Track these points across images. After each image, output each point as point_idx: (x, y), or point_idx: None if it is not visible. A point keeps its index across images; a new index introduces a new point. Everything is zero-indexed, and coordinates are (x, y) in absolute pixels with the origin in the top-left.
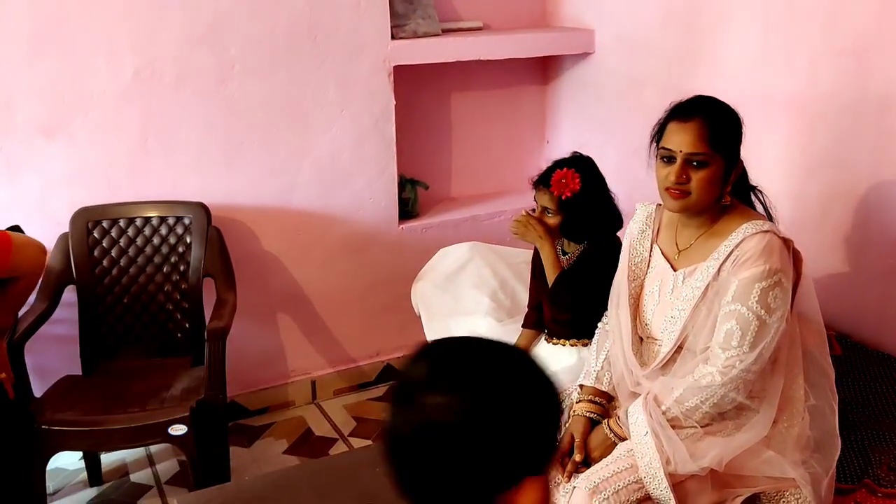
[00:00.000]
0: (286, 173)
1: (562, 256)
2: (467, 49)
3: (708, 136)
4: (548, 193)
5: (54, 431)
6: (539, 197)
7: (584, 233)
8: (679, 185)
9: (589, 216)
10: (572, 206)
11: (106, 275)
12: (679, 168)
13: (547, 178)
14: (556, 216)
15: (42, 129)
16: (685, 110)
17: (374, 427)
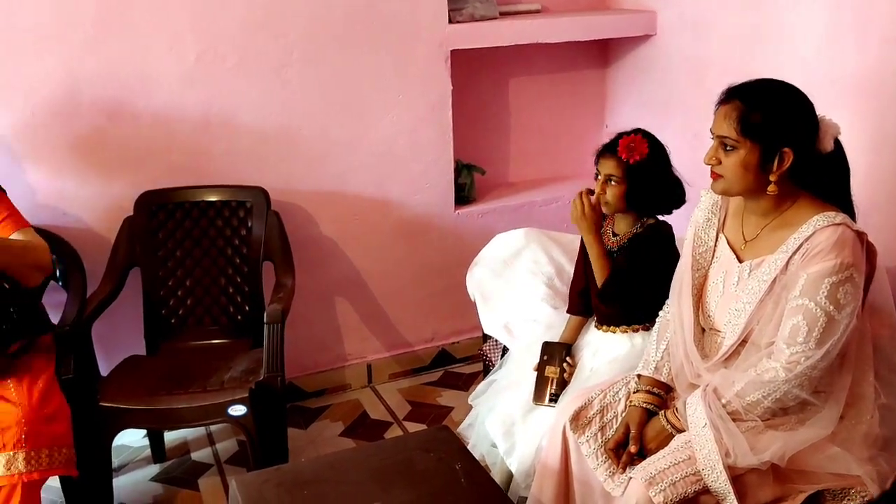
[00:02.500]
0: (343, 158)
1: (611, 237)
2: (525, 32)
3: (739, 120)
4: (614, 159)
5: (118, 410)
6: (603, 165)
7: (649, 204)
8: (712, 167)
9: (654, 186)
10: (639, 173)
11: (169, 257)
12: (711, 150)
13: (613, 145)
14: (620, 184)
15: (107, 114)
16: (728, 93)
17: (428, 411)
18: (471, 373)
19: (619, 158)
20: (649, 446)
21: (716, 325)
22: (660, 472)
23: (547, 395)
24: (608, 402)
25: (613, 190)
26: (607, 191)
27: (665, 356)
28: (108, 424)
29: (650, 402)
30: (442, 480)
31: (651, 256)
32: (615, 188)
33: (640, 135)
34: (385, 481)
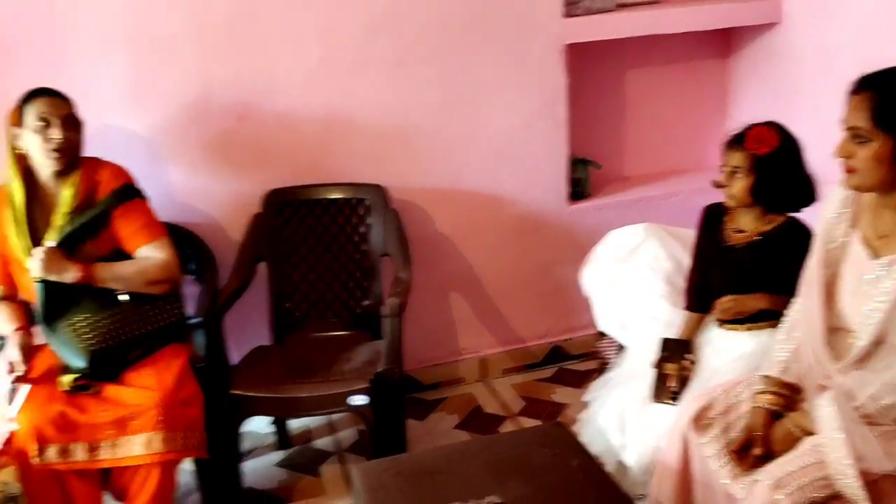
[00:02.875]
0: (458, 154)
1: (734, 234)
2: (643, 23)
3: (873, 110)
4: (741, 151)
5: (248, 398)
6: (729, 157)
7: (776, 199)
8: (842, 161)
9: (782, 180)
10: (766, 166)
11: (294, 253)
12: (842, 143)
13: (741, 136)
14: (746, 177)
15: (237, 115)
16: (859, 82)
17: (542, 408)
18: (585, 370)
19: (746, 150)
20: (775, 449)
21: (848, 324)
22: (787, 476)
23: (667, 392)
24: (732, 403)
25: (739, 183)
26: (732, 183)
27: (793, 356)
28: (238, 411)
29: (776, 403)
30: (558, 475)
31: (788, 256)
32: (740, 181)
33: (770, 127)
34: (501, 475)
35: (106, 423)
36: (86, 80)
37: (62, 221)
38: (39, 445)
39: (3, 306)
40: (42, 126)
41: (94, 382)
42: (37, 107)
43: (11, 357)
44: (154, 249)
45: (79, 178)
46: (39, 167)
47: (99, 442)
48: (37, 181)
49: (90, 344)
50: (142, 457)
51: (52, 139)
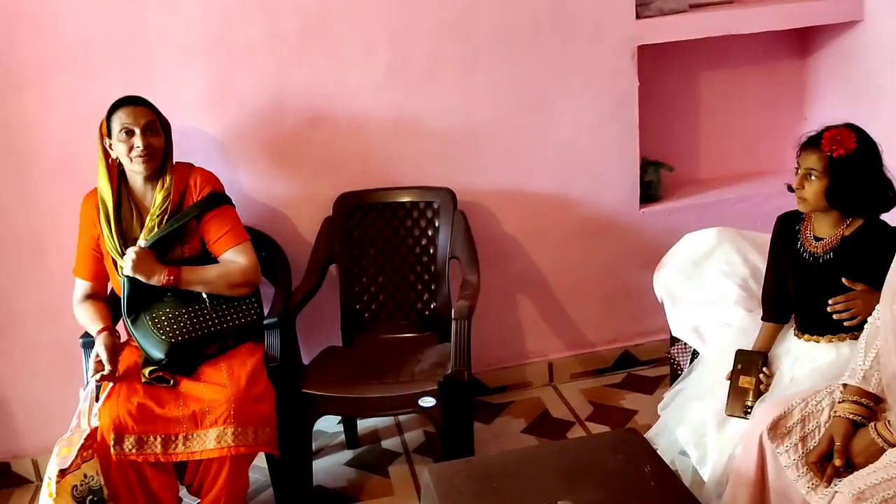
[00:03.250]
0: (526, 157)
1: (813, 241)
2: (717, 24)
3: None
4: (816, 153)
5: (317, 397)
6: (804, 158)
7: (851, 203)
8: None
9: (859, 184)
10: (842, 168)
11: (364, 255)
12: None
13: (817, 137)
14: (821, 180)
15: (309, 120)
16: None
17: (611, 413)
18: (656, 376)
19: (822, 152)
20: (856, 460)
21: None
22: (869, 488)
23: (742, 406)
24: (810, 412)
25: (813, 185)
26: (806, 186)
27: (874, 365)
28: (310, 410)
29: (858, 412)
30: (630, 482)
31: (869, 261)
32: (815, 183)
33: (848, 129)
34: (571, 480)
35: (181, 417)
36: (167, 86)
37: (154, 222)
38: (116, 436)
39: (89, 305)
40: (125, 136)
41: (171, 375)
42: (120, 117)
43: (100, 356)
44: (237, 254)
45: (171, 181)
46: (130, 173)
47: (173, 435)
48: (129, 185)
49: (169, 337)
50: (213, 450)
51: (136, 147)
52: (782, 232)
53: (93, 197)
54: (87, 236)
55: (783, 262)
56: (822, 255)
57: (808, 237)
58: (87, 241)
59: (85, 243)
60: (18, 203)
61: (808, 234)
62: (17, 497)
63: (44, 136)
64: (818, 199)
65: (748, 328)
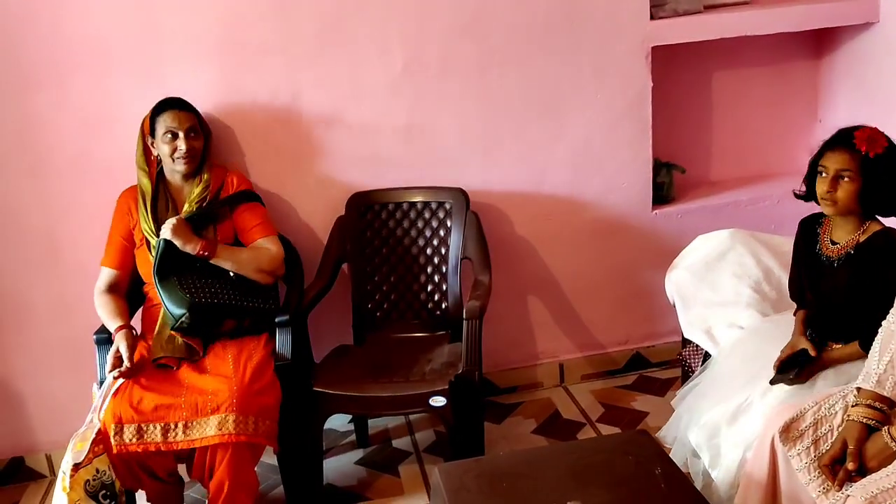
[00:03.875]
0: (539, 158)
1: (830, 245)
2: (732, 25)
3: None
4: (847, 153)
5: (328, 395)
6: (833, 160)
7: (884, 204)
8: None
9: (891, 183)
10: (876, 167)
11: (376, 254)
12: None
13: (845, 137)
14: (854, 180)
15: (324, 121)
16: None
17: (622, 415)
18: (667, 378)
19: (854, 151)
20: (870, 464)
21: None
22: (882, 493)
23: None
24: (823, 415)
25: (847, 187)
26: (838, 188)
27: (888, 368)
28: (321, 408)
29: (871, 416)
30: (641, 483)
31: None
32: (848, 184)
33: (875, 129)
34: (582, 480)
35: (182, 404)
36: (180, 86)
37: (192, 208)
38: (116, 426)
39: (111, 299)
40: (170, 138)
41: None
42: (165, 120)
43: (122, 353)
44: (268, 242)
45: (209, 177)
46: (169, 171)
47: (173, 423)
48: (167, 181)
49: (192, 296)
50: (214, 437)
51: (179, 149)
52: (804, 235)
53: (131, 192)
54: (120, 226)
55: (803, 263)
56: (836, 259)
57: (825, 241)
58: (119, 231)
59: (116, 234)
60: (33, 201)
61: (826, 238)
62: (31, 491)
63: (58, 136)
64: (851, 201)
65: (761, 330)
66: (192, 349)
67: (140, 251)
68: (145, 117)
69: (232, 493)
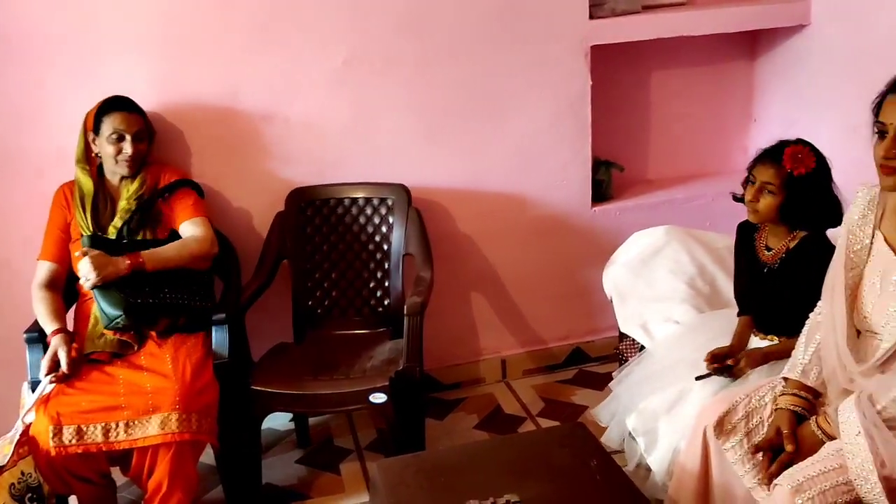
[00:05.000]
0: (481, 156)
1: (765, 252)
2: (669, 25)
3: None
4: (774, 168)
5: (267, 393)
6: (761, 172)
7: (802, 219)
8: (888, 161)
9: (812, 201)
10: (799, 186)
11: (316, 251)
12: (889, 142)
13: (776, 152)
14: (776, 195)
15: (261, 116)
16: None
17: (562, 409)
18: (606, 372)
19: (780, 167)
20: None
21: (872, 326)
22: (808, 480)
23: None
24: (754, 407)
25: (767, 199)
26: (760, 199)
27: (814, 359)
28: (259, 407)
29: (798, 404)
30: (576, 476)
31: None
32: (770, 198)
33: (807, 147)
34: (520, 473)
35: (122, 405)
36: (116, 79)
37: (130, 205)
38: (55, 427)
39: (48, 296)
40: (115, 139)
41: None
42: (113, 120)
43: (59, 357)
44: (194, 225)
45: (146, 175)
46: (110, 170)
47: (114, 423)
48: (105, 178)
49: (128, 295)
50: (156, 436)
51: (125, 152)
52: (741, 238)
53: (68, 186)
54: (58, 219)
55: (742, 266)
56: (770, 265)
57: (761, 246)
58: (56, 224)
59: (54, 227)
60: None
61: (762, 244)
62: None
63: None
64: (770, 213)
65: (695, 324)
66: (126, 344)
67: (75, 245)
68: (89, 113)
69: (171, 492)
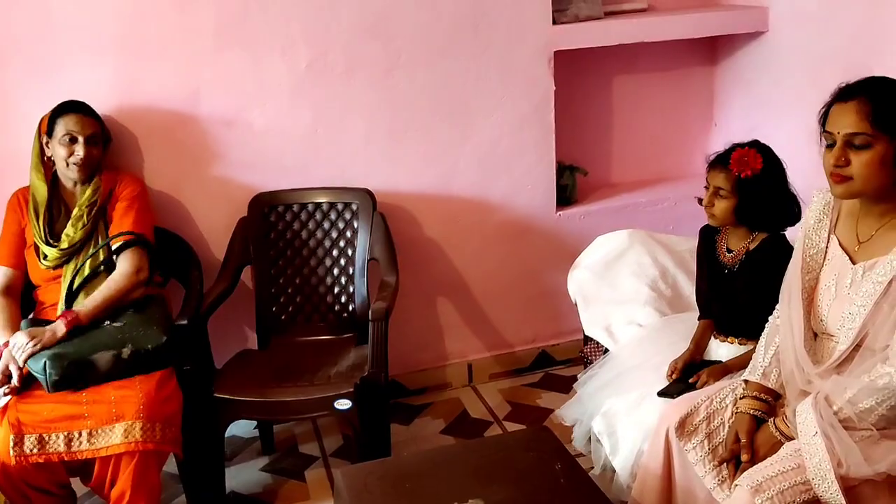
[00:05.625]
0: (447, 160)
1: (726, 254)
2: (631, 31)
3: (870, 114)
4: (724, 172)
5: (230, 401)
6: (713, 177)
7: (759, 220)
8: (838, 169)
9: (765, 202)
10: (749, 188)
11: (280, 256)
12: (838, 151)
13: (725, 157)
14: (729, 198)
15: (223, 120)
16: (847, 90)
17: (528, 412)
18: (571, 375)
19: (729, 171)
20: (758, 454)
21: (828, 329)
22: (767, 480)
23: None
24: (714, 409)
25: (721, 203)
26: (715, 203)
27: (773, 362)
28: (222, 414)
29: (758, 408)
30: (541, 479)
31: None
32: (723, 202)
33: (755, 148)
34: (484, 478)
35: (85, 413)
36: (74, 80)
37: (82, 212)
38: (15, 437)
39: (3, 303)
40: (68, 141)
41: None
42: (66, 123)
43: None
44: (122, 257)
45: (101, 182)
46: (62, 174)
47: (77, 432)
48: (59, 182)
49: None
50: (120, 445)
51: (76, 154)
52: (704, 242)
53: (22, 192)
54: (13, 224)
55: (704, 269)
56: (731, 266)
57: (722, 249)
58: (11, 230)
59: (9, 232)
60: None
61: (723, 246)
62: None
63: None
64: (726, 216)
65: (658, 327)
66: None
67: (29, 253)
68: (44, 117)
69: (134, 501)
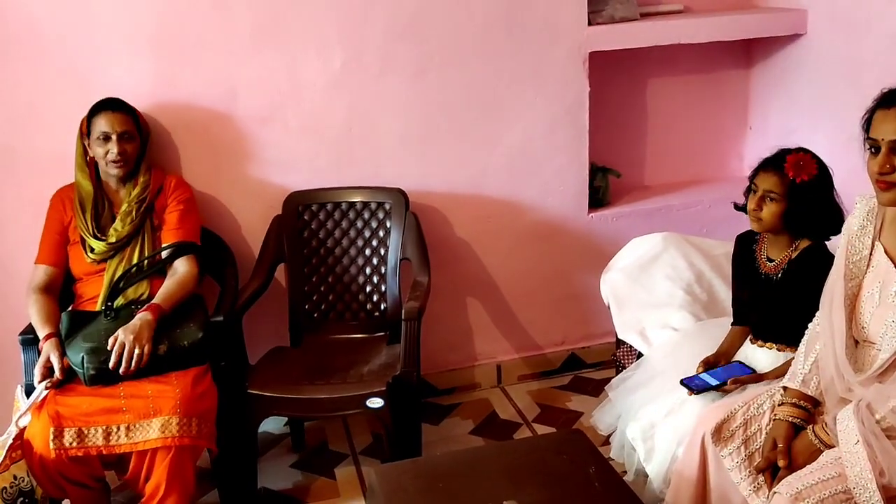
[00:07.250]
0: (479, 161)
1: (766, 262)
2: (666, 33)
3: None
4: (777, 176)
5: (263, 397)
6: (764, 180)
7: (805, 227)
8: (884, 176)
9: (814, 208)
10: (802, 193)
11: (313, 255)
12: (883, 157)
13: (778, 160)
14: (779, 203)
15: (259, 119)
16: (891, 96)
17: (558, 415)
18: (601, 378)
19: (783, 175)
20: (797, 462)
21: (870, 337)
22: (807, 488)
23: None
24: (752, 415)
25: (771, 208)
26: (764, 207)
27: (813, 369)
28: (255, 411)
29: (797, 415)
30: (575, 482)
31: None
32: (773, 206)
33: (808, 154)
34: (517, 480)
35: (123, 407)
36: (114, 77)
37: (132, 208)
38: (56, 430)
39: (44, 300)
40: (103, 140)
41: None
42: (100, 122)
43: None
44: (182, 260)
45: (148, 179)
46: (104, 173)
47: (115, 426)
48: (103, 181)
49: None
50: (157, 440)
51: (111, 152)
52: (740, 251)
53: (66, 191)
54: (55, 223)
55: (742, 277)
56: (773, 276)
57: (762, 258)
58: (54, 228)
59: (52, 231)
60: None
61: (763, 255)
62: None
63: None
64: (774, 221)
65: (692, 331)
66: None
67: (74, 248)
68: (83, 119)
69: (168, 495)
